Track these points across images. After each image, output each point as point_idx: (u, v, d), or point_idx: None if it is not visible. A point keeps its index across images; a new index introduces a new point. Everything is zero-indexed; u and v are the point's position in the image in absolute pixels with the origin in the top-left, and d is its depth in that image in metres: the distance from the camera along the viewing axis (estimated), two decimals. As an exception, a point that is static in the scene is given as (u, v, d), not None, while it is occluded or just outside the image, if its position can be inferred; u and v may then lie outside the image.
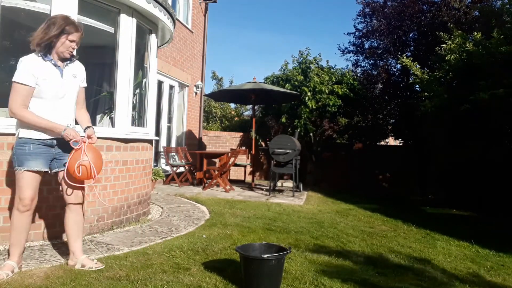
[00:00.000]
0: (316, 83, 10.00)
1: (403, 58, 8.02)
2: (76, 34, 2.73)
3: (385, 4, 10.51)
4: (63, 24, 2.68)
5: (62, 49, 2.72)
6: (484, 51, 6.37)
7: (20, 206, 2.75)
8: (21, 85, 2.62)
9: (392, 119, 11.41)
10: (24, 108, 2.64)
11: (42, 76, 2.67)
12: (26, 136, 2.71)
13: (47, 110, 2.72)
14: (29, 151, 2.70)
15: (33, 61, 2.67)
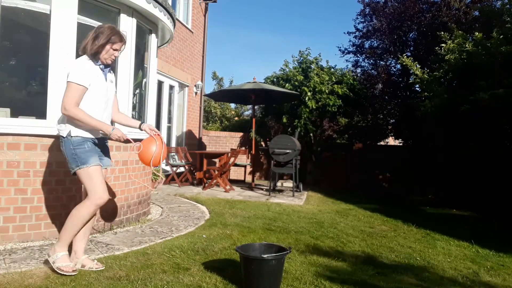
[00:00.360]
0: (316, 83, 10.00)
1: (403, 58, 8.02)
2: (119, 43, 2.90)
3: (386, 4, 10.51)
4: (110, 34, 2.85)
5: (106, 56, 2.88)
6: (484, 51, 6.37)
7: (99, 201, 2.82)
8: (76, 85, 2.75)
9: (392, 119, 11.41)
10: (77, 106, 2.76)
11: (94, 78, 2.84)
12: (80, 135, 2.83)
13: (98, 110, 2.89)
14: (89, 148, 2.84)
15: (86, 64, 2.83)
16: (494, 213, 6.73)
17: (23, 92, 6.05)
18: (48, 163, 3.67)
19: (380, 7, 10.54)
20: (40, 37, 4.70)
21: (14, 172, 3.50)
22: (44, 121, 3.67)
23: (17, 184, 3.51)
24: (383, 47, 10.82)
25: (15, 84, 6.08)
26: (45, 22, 3.88)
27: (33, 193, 3.59)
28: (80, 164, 2.80)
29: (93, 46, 2.82)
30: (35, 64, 5.91)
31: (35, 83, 6.07)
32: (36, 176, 3.60)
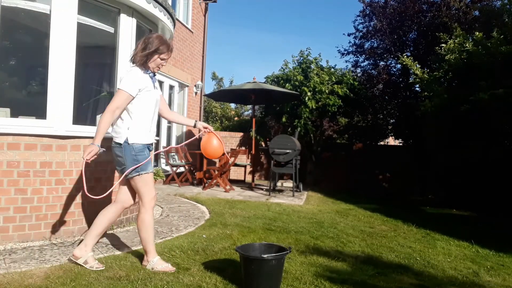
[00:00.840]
0: (316, 83, 10.00)
1: (403, 58, 8.02)
2: (167, 53, 3.01)
3: (386, 4, 10.51)
4: (158, 44, 2.95)
5: (153, 65, 3.01)
6: (484, 51, 6.37)
7: (152, 203, 3.04)
8: (123, 92, 2.89)
9: (392, 119, 11.41)
10: (116, 110, 2.89)
11: (145, 87, 2.97)
12: (140, 142, 2.98)
13: (149, 114, 3.03)
14: (147, 155, 3.02)
15: (138, 74, 2.96)
16: (494, 213, 6.73)
17: (23, 92, 6.05)
18: (48, 163, 3.67)
19: (380, 7, 10.53)
20: (40, 37, 4.70)
21: (14, 172, 3.50)
22: (44, 121, 3.66)
23: (17, 184, 3.51)
24: (383, 47, 10.82)
25: (15, 84, 6.08)
26: (45, 22, 3.88)
27: (33, 193, 3.59)
28: (140, 171, 2.96)
29: (142, 56, 2.94)
30: (35, 64, 5.92)
31: (35, 83, 6.07)
32: (36, 176, 3.60)
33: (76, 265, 2.96)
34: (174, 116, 3.46)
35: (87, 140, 3.95)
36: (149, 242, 3.06)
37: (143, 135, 2.99)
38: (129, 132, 2.95)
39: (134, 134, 2.95)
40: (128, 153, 2.95)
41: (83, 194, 3.94)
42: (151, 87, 3.02)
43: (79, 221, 3.91)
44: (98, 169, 4.06)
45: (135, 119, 2.96)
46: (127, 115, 2.96)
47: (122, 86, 2.88)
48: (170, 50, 3.02)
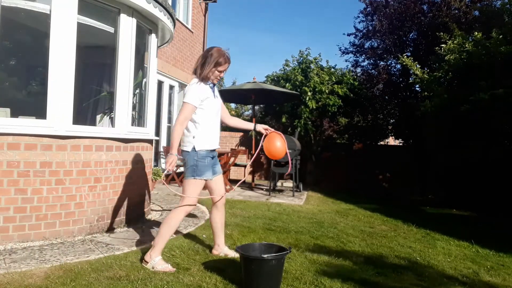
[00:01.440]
0: (316, 83, 10.00)
1: (404, 58, 8.02)
2: (225, 65, 3.19)
3: (387, 3, 10.51)
4: (216, 57, 3.14)
5: (212, 77, 3.19)
6: (484, 51, 6.37)
7: (189, 208, 3.20)
8: (188, 104, 3.11)
9: (392, 119, 11.41)
10: (185, 121, 3.12)
11: (206, 97, 3.16)
12: (205, 148, 3.18)
13: (213, 123, 3.23)
14: (208, 163, 3.20)
15: (199, 86, 3.16)
16: (494, 213, 6.73)
17: (23, 92, 6.06)
18: (48, 163, 3.67)
19: (382, 6, 10.53)
20: (40, 37, 4.71)
21: (14, 172, 3.50)
22: (44, 121, 3.66)
23: (17, 184, 3.51)
24: (384, 47, 10.82)
25: (15, 84, 6.09)
26: (45, 22, 3.88)
27: (33, 193, 3.59)
28: (196, 175, 3.17)
29: (202, 70, 3.14)
30: (35, 64, 5.92)
31: (35, 83, 6.08)
32: (36, 176, 3.60)
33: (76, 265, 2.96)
34: (235, 121, 3.56)
35: (87, 140, 3.95)
36: (162, 239, 3.14)
37: (207, 142, 3.18)
38: (195, 141, 3.15)
39: (199, 141, 3.15)
40: (192, 157, 3.16)
41: (83, 194, 3.94)
42: (211, 97, 3.20)
43: (79, 221, 3.91)
44: (98, 168, 4.07)
45: (200, 128, 3.16)
46: (192, 125, 3.16)
47: (186, 99, 3.11)
48: (227, 62, 3.19)
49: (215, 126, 3.27)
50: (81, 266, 2.98)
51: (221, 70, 3.19)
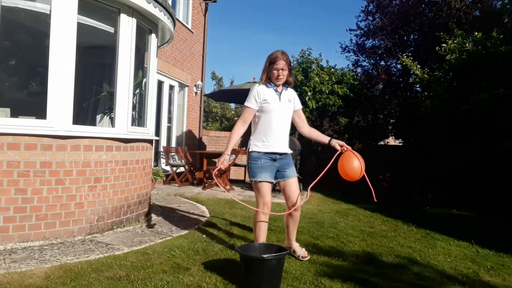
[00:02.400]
0: (316, 83, 10.00)
1: (404, 58, 8.02)
2: (279, 62, 3.18)
3: (390, 2, 10.51)
4: (267, 59, 3.25)
5: (273, 78, 3.24)
6: (484, 51, 6.37)
7: (266, 209, 3.25)
8: (246, 107, 3.25)
9: (392, 119, 11.41)
10: (241, 124, 3.24)
11: (264, 100, 3.22)
12: (256, 150, 3.25)
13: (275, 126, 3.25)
14: (261, 165, 3.23)
15: (258, 89, 3.25)
16: (494, 213, 6.73)
17: (23, 92, 6.06)
18: (48, 163, 3.67)
19: (385, 4, 10.53)
20: (40, 37, 4.71)
21: (14, 172, 3.50)
22: (44, 121, 3.67)
23: (17, 184, 3.51)
24: (384, 47, 10.82)
25: (15, 84, 6.09)
26: (45, 22, 3.88)
27: (33, 193, 3.59)
28: (251, 177, 3.26)
29: (262, 75, 3.28)
30: (35, 64, 5.92)
31: (35, 83, 6.08)
32: (36, 176, 3.60)
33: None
34: (310, 132, 3.50)
35: (87, 140, 3.95)
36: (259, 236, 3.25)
37: (260, 144, 3.25)
38: (250, 142, 3.29)
39: (253, 143, 3.28)
40: (248, 159, 3.30)
41: (83, 194, 3.94)
42: (271, 100, 3.22)
43: (79, 221, 3.91)
44: (98, 168, 4.07)
45: (256, 130, 3.28)
46: (252, 127, 3.30)
47: (246, 102, 3.25)
48: (280, 57, 3.18)
49: (276, 130, 3.25)
50: (81, 266, 2.98)
51: (277, 68, 3.18)
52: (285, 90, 3.34)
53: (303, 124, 3.46)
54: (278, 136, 3.26)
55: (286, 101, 3.31)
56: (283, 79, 3.26)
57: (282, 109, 3.27)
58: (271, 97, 3.23)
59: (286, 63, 3.21)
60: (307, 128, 3.48)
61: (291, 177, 3.37)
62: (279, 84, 3.28)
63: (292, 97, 3.38)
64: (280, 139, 3.28)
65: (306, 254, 3.43)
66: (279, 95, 3.27)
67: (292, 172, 3.38)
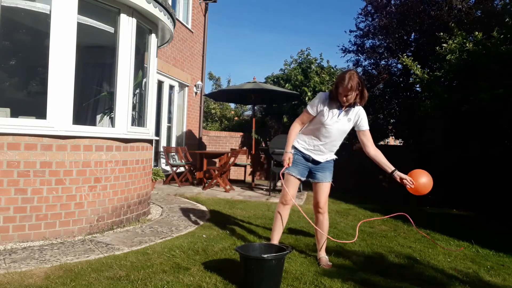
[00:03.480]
0: (317, 83, 10.01)
1: (404, 58, 8.02)
2: (341, 88, 3.15)
3: (389, 2, 10.51)
4: (336, 81, 3.23)
5: (340, 99, 3.22)
6: (484, 51, 6.37)
7: (282, 202, 3.45)
8: (305, 110, 3.40)
9: (393, 119, 11.41)
10: (298, 124, 3.43)
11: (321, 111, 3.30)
12: (296, 146, 3.44)
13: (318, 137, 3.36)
14: (295, 159, 3.42)
15: (322, 98, 3.31)
16: (494, 213, 6.73)
17: (23, 92, 6.06)
18: (48, 163, 3.67)
19: (383, 5, 10.53)
20: (40, 37, 4.71)
21: (14, 172, 3.50)
22: (44, 121, 3.67)
23: (17, 184, 3.51)
24: (384, 46, 10.82)
25: (15, 84, 6.09)
26: (45, 22, 3.88)
27: (33, 193, 3.59)
28: (286, 170, 3.41)
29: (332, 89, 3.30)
30: (35, 64, 5.92)
31: (35, 83, 6.08)
32: (36, 176, 3.60)
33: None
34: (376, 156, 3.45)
35: (87, 140, 3.95)
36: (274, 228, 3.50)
37: (301, 143, 3.42)
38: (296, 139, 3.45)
39: (298, 138, 3.45)
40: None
41: (83, 194, 3.94)
42: (327, 114, 3.27)
43: (79, 221, 3.91)
44: (98, 168, 4.07)
45: (302, 130, 3.46)
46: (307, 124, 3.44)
47: (308, 105, 3.38)
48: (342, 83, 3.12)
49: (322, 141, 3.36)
50: (81, 266, 2.98)
51: (341, 93, 3.15)
52: (348, 109, 3.30)
53: (368, 144, 3.42)
54: (321, 146, 3.38)
55: (344, 120, 3.32)
56: (348, 103, 3.23)
57: (336, 125, 3.30)
58: (330, 111, 3.28)
59: (352, 89, 3.12)
60: (372, 149, 3.42)
61: (320, 181, 3.46)
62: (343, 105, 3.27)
63: (354, 117, 3.34)
64: (322, 149, 3.40)
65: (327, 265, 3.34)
66: (340, 112, 3.29)
67: (320, 177, 3.45)
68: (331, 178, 3.50)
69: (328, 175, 3.46)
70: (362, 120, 3.37)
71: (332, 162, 3.51)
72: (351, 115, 3.33)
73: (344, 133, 3.41)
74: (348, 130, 3.41)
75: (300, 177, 3.45)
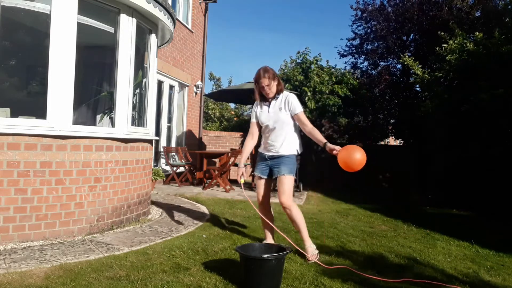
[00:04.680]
0: (316, 83, 10.00)
1: (405, 57, 8.02)
2: (261, 80, 3.49)
3: (383, 6, 10.50)
4: (255, 79, 3.56)
5: (263, 93, 3.57)
6: (485, 51, 6.37)
7: (259, 201, 3.82)
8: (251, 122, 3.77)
9: (393, 119, 11.41)
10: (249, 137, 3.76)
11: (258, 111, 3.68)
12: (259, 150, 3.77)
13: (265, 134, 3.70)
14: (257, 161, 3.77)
15: (255, 104, 3.73)
16: (494, 213, 6.73)
17: (23, 92, 6.05)
18: (48, 163, 3.67)
19: (376, 10, 10.53)
20: (40, 37, 4.71)
21: (14, 172, 3.50)
22: (44, 121, 3.67)
23: (17, 184, 3.51)
24: (384, 47, 10.82)
25: (15, 84, 6.09)
26: (45, 22, 3.88)
27: (33, 193, 3.59)
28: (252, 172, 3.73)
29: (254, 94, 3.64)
30: (35, 64, 5.92)
31: (35, 83, 6.08)
32: (36, 176, 3.60)
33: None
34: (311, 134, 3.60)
35: (87, 140, 3.95)
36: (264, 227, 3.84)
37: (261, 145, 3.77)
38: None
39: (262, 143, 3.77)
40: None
41: (83, 194, 3.94)
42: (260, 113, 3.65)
43: (79, 221, 3.91)
44: (98, 168, 4.07)
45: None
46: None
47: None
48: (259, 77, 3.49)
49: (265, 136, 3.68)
50: (81, 266, 2.98)
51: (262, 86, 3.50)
52: (274, 100, 3.58)
53: (303, 126, 3.60)
54: (269, 141, 3.62)
55: (276, 110, 3.56)
56: (272, 93, 3.53)
57: (271, 118, 3.56)
58: (261, 110, 3.63)
59: (269, 78, 3.47)
60: (307, 128, 3.58)
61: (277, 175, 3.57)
62: (270, 97, 3.56)
63: (284, 104, 3.55)
64: (271, 143, 3.60)
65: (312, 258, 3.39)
66: (268, 107, 3.59)
67: (276, 172, 3.58)
68: (288, 173, 3.52)
69: (282, 169, 3.52)
70: (292, 105, 3.55)
71: (290, 157, 3.59)
72: (281, 104, 3.56)
73: (283, 122, 3.55)
74: (286, 118, 3.56)
75: (260, 175, 3.66)
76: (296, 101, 3.58)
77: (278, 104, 3.56)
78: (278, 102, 3.57)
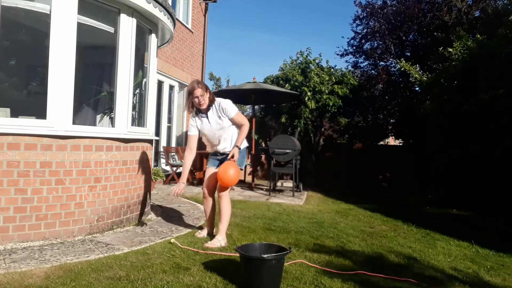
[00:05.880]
0: (316, 83, 10.00)
1: (402, 62, 8.04)
2: (195, 91, 3.66)
3: (385, 4, 10.51)
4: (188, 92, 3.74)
5: (196, 105, 3.74)
6: (485, 51, 6.37)
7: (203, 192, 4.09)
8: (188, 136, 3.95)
9: (392, 119, 11.42)
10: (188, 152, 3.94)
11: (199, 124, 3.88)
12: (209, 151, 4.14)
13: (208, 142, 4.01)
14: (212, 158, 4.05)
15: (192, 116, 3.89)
16: (494, 213, 6.73)
17: (23, 92, 6.05)
18: (48, 163, 3.67)
19: (378, 8, 10.54)
20: (40, 37, 4.70)
21: (14, 172, 3.50)
22: (44, 121, 3.66)
23: (17, 184, 3.51)
24: (383, 47, 10.82)
25: (15, 84, 6.09)
26: (45, 22, 3.88)
27: (33, 193, 3.59)
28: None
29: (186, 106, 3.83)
30: (35, 64, 5.92)
31: (35, 83, 6.07)
32: (36, 176, 3.60)
33: (76, 265, 2.96)
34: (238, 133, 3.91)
35: (87, 140, 3.95)
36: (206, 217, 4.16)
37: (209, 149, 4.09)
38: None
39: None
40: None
41: (83, 194, 3.94)
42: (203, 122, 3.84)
43: (79, 221, 3.91)
44: (98, 168, 4.07)
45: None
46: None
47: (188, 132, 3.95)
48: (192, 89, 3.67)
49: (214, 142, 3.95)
50: (81, 266, 2.98)
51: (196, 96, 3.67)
52: (210, 112, 3.78)
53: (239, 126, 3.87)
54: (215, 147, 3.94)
55: (214, 119, 3.78)
56: (206, 103, 3.71)
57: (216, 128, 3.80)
58: (201, 122, 3.83)
59: (202, 89, 3.66)
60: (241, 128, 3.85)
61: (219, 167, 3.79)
62: (204, 108, 3.74)
63: (219, 111, 3.76)
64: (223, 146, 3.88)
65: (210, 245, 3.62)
66: (208, 119, 3.80)
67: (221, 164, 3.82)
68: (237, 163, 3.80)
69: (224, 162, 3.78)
70: (226, 110, 3.76)
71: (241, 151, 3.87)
72: (218, 113, 3.77)
73: (227, 127, 3.81)
74: (227, 123, 3.80)
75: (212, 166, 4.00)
76: (228, 105, 3.78)
77: (215, 113, 3.77)
78: (215, 112, 3.78)
